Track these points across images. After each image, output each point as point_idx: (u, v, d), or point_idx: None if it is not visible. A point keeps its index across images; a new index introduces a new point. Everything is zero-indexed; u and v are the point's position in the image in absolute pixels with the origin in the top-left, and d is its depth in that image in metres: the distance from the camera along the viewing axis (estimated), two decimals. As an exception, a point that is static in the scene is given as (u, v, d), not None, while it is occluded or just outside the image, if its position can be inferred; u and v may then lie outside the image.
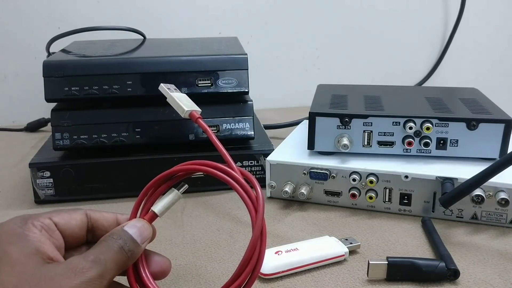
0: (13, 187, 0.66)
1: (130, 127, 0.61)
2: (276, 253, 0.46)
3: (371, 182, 0.55)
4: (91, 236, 0.37)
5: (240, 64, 0.62)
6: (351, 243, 0.48)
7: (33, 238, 0.32)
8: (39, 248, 0.32)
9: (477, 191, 0.51)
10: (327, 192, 0.58)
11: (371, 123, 0.56)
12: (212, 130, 0.63)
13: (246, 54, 0.63)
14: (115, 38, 0.80)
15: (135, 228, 0.35)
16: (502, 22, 1.08)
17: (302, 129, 0.70)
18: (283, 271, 0.45)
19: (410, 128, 0.55)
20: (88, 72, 0.59)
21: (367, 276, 0.44)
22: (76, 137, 0.60)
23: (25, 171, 0.62)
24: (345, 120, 0.56)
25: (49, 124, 0.64)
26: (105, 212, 0.38)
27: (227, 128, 0.63)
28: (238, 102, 0.64)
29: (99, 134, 0.60)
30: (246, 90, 0.63)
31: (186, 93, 0.61)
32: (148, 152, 0.62)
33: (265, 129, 0.76)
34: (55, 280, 0.30)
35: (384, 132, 0.57)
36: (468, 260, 0.47)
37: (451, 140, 0.56)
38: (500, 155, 0.56)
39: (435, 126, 0.55)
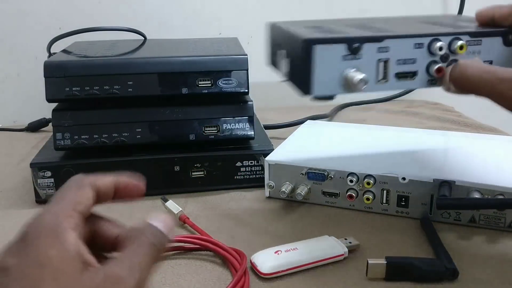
0: (14, 186, 0.66)
1: (131, 127, 0.61)
2: (275, 252, 0.46)
3: (368, 183, 0.55)
4: None
5: (240, 65, 0.62)
6: (350, 243, 0.48)
7: (72, 239, 0.29)
8: (78, 251, 0.29)
9: (475, 194, 0.51)
10: (325, 193, 0.58)
11: (388, 47, 0.43)
12: (212, 130, 0.64)
13: (246, 55, 0.63)
14: (115, 39, 0.80)
15: (160, 220, 0.33)
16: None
17: (303, 130, 0.71)
18: (282, 271, 0.45)
19: (440, 49, 0.43)
20: (89, 73, 0.60)
21: (366, 275, 0.44)
22: (77, 137, 0.61)
23: (26, 171, 0.63)
24: (354, 46, 0.42)
25: (50, 124, 0.64)
26: (104, 177, 0.35)
27: (227, 128, 0.63)
28: (238, 102, 0.64)
29: (100, 134, 0.61)
30: (246, 90, 0.63)
31: (186, 93, 0.62)
32: (148, 152, 0.62)
33: (265, 129, 0.76)
34: None
35: (405, 60, 0.44)
36: (466, 260, 0.47)
37: (484, 61, 0.44)
38: None
39: (468, 44, 0.44)
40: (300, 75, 0.42)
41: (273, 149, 0.63)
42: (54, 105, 0.63)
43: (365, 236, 0.52)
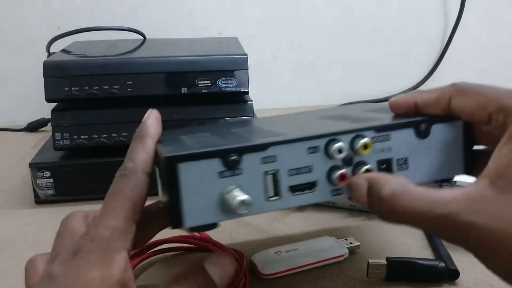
0: (13, 187, 0.66)
1: (131, 127, 0.61)
2: (276, 253, 0.46)
3: (370, 182, 0.55)
4: None
5: (240, 64, 0.62)
6: (350, 243, 0.48)
7: (120, 263, 0.28)
8: (121, 279, 0.28)
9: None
10: (327, 193, 0.58)
11: (275, 156, 0.33)
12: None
13: (246, 54, 0.63)
14: (115, 38, 0.80)
15: (218, 266, 0.30)
16: (502, 22, 1.08)
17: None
18: (283, 271, 0.45)
19: (340, 151, 0.34)
20: (88, 72, 0.60)
21: (367, 276, 0.44)
22: (76, 137, 0.60)
23: (25, 171, 0.62)
24: (231, 159, 0.32)
25: (49, 124, 0.64)
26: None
27: (227, 128, 0.63)
28: (238, 102, 0.64)
29: (99, 134, 0.61)
30: (246, 90, 0.63)
31: (186, 93, 0.62)
32: (148, 152, 0.62)
33: (265, 129, 0.76)
34: None
35: (298, 169, 0.34)
36: (467, 260, 0.47)
37: (398, 160, 0.37)
38: (464, 169, 0.39)
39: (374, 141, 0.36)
40: (169, 202, 0.32)
41: (273, 149, 0.63)
42: (53, 105, 0.62)
43: (366, 236, 0.52)
